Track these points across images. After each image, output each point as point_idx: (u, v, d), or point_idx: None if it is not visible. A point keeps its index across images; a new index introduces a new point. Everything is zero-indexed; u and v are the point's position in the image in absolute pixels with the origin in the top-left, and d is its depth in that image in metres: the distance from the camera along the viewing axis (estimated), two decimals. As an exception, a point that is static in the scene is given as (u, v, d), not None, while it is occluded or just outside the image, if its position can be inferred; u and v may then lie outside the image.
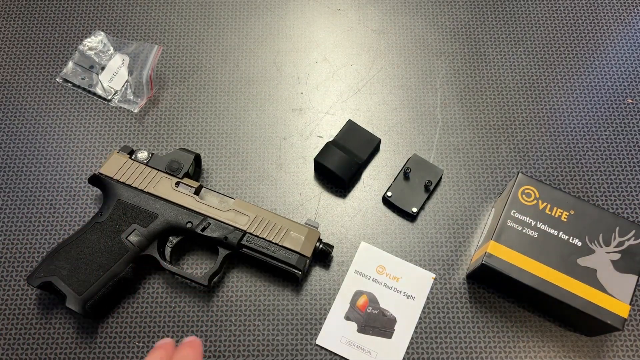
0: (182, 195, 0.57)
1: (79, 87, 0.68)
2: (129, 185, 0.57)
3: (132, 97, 0.66)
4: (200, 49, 0.70)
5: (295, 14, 0.73)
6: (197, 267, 0.58)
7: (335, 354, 0.55)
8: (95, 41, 0.69)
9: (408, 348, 0.55)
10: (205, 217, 0.56)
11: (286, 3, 0.73)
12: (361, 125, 0.65)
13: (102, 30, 0.71)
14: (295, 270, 0.55)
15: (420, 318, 0.57)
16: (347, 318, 0.56)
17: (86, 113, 0.66)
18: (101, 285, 0.53)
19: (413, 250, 0.60)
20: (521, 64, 0.70)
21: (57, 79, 0.68)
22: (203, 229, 0.55)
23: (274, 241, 0.55)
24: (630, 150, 0.65)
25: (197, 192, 0.57)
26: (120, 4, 0.73)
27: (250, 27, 0.72)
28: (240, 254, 0.56)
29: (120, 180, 0.57)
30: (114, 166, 0.58)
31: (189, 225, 0.55)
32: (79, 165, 0.63)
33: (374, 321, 0.56)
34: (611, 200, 0.62)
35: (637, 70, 0.69)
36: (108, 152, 0.64)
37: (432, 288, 0.58)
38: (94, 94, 0.67)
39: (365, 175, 0.64)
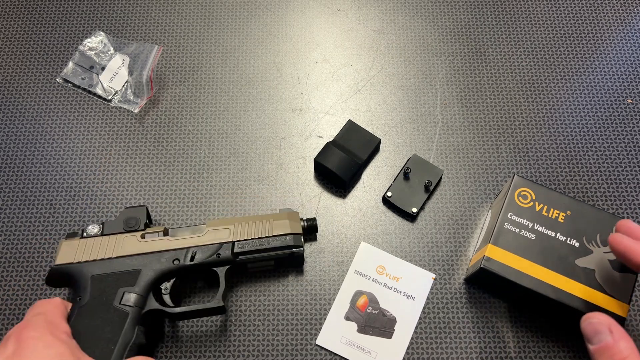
0: (154, 242, 0.54)
1: (79, 87, 0.68)
2: (96, 260, 0.53)
3: (132, 98, 0.67)
4: (200, 49, 0.70)
5: (295, 15, 0.73)
6: (200, 302, 0.56)
7: (335, 354, 0.55)
8: (95, 41, 0.69)
9: (408, 348, 0.55)
10: (187, 248, 0.54)
11: (286, 3, 0.73)
12: (361, 126, 0.65)
13: (102, 31, 0.71)
14: (297, 249, 0.56)
15: (420, 318, 0.57)
16: (347, 318, 0.56)
17: (86, 113, 0.67)
18: (118, 358, 0.49)
19: (413, 250, 0.60)
20: (521, 64, 0.70)
21: (57, 79, 0.68)
22: (192, 259, 0.54)
23: (264, 236, 0.55)
24: (630, 151, 0.65)
25: (165, 234, 0.56)
26: (120, 4, 0.73)
27: (250, 27, 0.72)
28: (239, 264, 0.55)
29: (83, 260, 0.53)
30: (69, 252, 0.54)
31: (176, 263, 0.53)
32: (79, 166, 0.64)
33: (374, 321, 0.56)
34: (611, 200, 0.62)
35: (637, 71, 0.69)
36: (108, 152, 0.64)
37: (432, 288, 0.58)
38: (94, 94, 0.67)
39: (365, 176, 0.64)
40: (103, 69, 0.68)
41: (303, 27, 0.72)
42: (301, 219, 0.58)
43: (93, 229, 0.55)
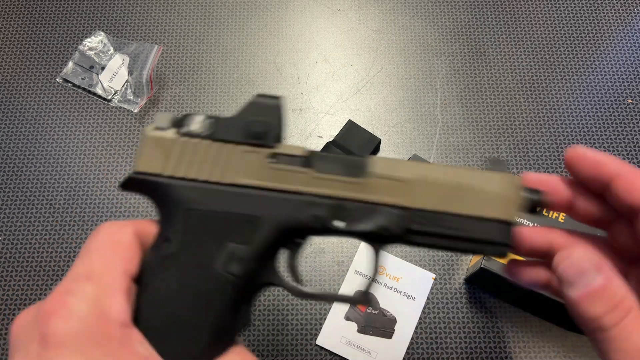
0: (289, 173, 0.33)
1: (79, 87, 0.68)
2: (196, 180, 0.33)
3: (132, 97, 0.67)
4: (200, 49, 0.70)
5: (295, 14, 0.73)
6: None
7: (336, 354, 0.55)
8: (95, 41, 0.69)
9: (408, 348, 0.55)
10: (338, 200, 0.33)
11: (286, 3, 0.73)
12: (361, 126, 0.65)
13: (102, 31, 0.71)
14: (502, 248, 0.33)
15: (420, 318, 0.57)
16: (347, 318, 0.56)
17: (86, 113, 0.67)
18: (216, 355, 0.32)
19: (413, 250, 0.60)
20: (521, 64, 0.70)
21: (57, 79, 0.68)
22: (341, 221, 0.33)
23: (458, 212, 0.33)
24: (631, 151, 0.65)
25: (307, 162, 0.34)
26: (120, 4, 0.73)
27: (250, 27, 0.72)
28: (403, 242, 0.34)
29: (177, 175, 0.33)
30: (158, 156, 0.34)
31: (316, 221, 0.33)
32: (79, 165, 0.63)
33: (374, 321, 0.56)
34: (611, 200, 0.62)
35: (637, 70, 0.69)
36: (108, 151, 0.64)
37: (432, 288, 0.58)
38: (94, 94, 0.67)
39: (365, 176, 0.64)
40: (103, 68, 0.68)
41: (303, 27, 0.72)
42: (524, 190, 0.33)
43: (198, 121, 0.34)
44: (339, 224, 0.33)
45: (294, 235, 0.34)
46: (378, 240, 0.34)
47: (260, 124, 0.34)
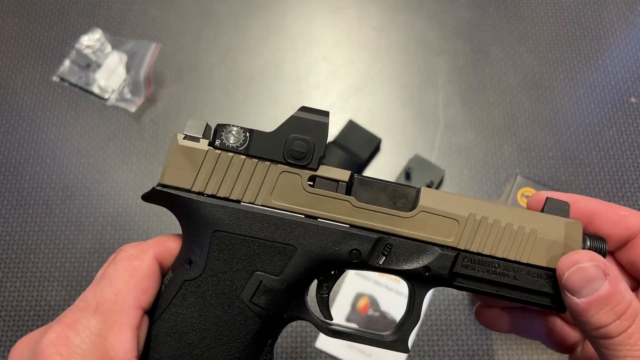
0: (328, 200, 0.32)
1: (75, 85, 0.67)
2: (227, 199, 0.31)
3: (129, 96, 0.66)
4: (198, 47, 0.69)
5: (294, 12, 0.72)
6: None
7: (336, 357, 0.54)
8: (92, 39, 0.68)
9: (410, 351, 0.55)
10: (380, 234, 0.32)
11: (286, 1, 0.72)
12: (362, 125, 0.64)
13: (99, 28, 0.70)
14: (551, 307, 0.32)
15: (421, 320, 0.56)
16: (348, 320, 0.56)
17: (83, 112, 0.66)
18: None
19: (414, 251, 0.59)
20: (524, 62, 0.69)
21: (53, 78, 0.67)
22: (381, 257, 0.32)
23: (511, 258, 0.32)
24: (634, 150, 0.64)
25: (349, 189, 0.33)
26: (118, 1, 0.72)
27: (249, 25, 0.71)
28: (446, 285, 0.34)
29: (206, 192, 0.31)
30: (186, 168, 0.31)
31: (355, 256, 0.32)
32: (76, 165, 0.63)
33: (375, 324, 0.56)
34: (614, 200, 0.61)
35: (640, 69, 0.69)
36: (105, 151, 0.63)
37: (433, 290, 0.57)
38: (91, 92, 0.66)
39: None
40: (100, 67, 0.67)
41: (303, 25, 0.71)
42: (584, 235, 0.32)
43: (232, 134, 0.31)
44: (378, 259, 0.32)
45: (329, 268, 0.33)
46: (418, 279, 0.33)
47: (303, 142, 0.31)
